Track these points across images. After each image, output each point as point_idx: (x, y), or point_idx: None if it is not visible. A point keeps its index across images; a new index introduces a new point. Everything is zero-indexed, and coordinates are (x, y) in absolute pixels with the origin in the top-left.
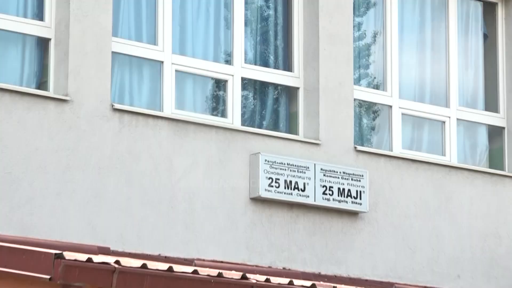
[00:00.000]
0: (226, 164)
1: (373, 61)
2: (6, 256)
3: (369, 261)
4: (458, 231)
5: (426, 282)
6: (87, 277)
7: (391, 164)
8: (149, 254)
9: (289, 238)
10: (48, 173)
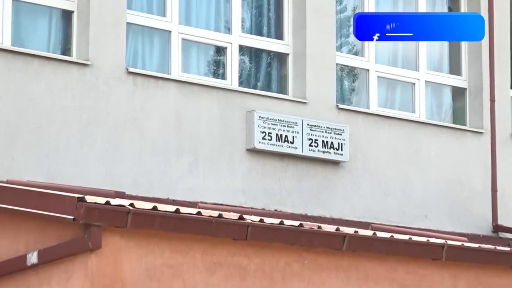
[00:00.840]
0: (225, 120)
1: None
2: (35, 200)
3: (349, 204)
4: (426, 178)
5: (398, 222)
6: (105, 217)
7: (368, 120)
8: (159, 198)
9: (280, 184)
10: (72, 128)
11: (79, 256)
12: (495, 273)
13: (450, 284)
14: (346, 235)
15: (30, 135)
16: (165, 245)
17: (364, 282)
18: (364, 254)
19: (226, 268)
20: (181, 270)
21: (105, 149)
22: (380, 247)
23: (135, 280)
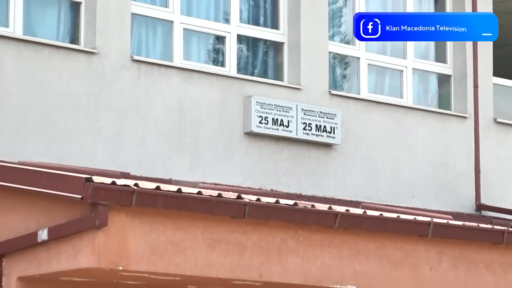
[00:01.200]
0: (224, 105)
1: (344, 21)
2: (45, 180)
3: (340, 184)
4: (413, 160)
5: (387, 201)
6: (111, 196)
7: (359, 105)
8: (161, 178)
9: (276, 165)
10: (79, 113)
11: (87, 233)
12: (478, 249)
13: (435, 260)
14: (338, 214)
15: (40, 120)
16: (167, 223)
17: (355, 258)
18: (355, 231)
19: (225, 245)
20: (183, 246)
21: (111, 132)
22: (370, 224)
23: (139, 256)
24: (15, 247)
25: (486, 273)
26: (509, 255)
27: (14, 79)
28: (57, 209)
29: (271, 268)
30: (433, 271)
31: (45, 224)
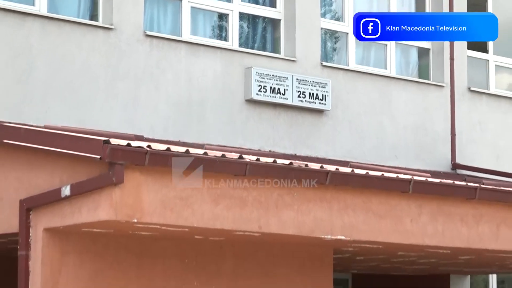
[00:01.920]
0: (227, 75)
1: (334, 0)
2: (68, 142)
3: (331, 146)
4: (396, 125)
5: (372, 161)
6: (127, 157)
7: (348, 75)
8: (171, 140)
9: (273, 129)
10: (98, 82)
11: (105, 190)
12: (454, 203)
13: (416, 213)
14: (328, 172)
15: (63, 89)
16: (177, 181)
17: (344, 211)
18: (344, 187)
19: (228, 200)
20: (190, 201)
21: (127, 99)
22: (357, 182)
23: (152, 210)
24: (41, 202)
25: (460, 225)
26: (481, 209)
27: (40, 52)
28: (78, 168)
29: (269, 221)
30: (413, 223)
31: (68, 181)
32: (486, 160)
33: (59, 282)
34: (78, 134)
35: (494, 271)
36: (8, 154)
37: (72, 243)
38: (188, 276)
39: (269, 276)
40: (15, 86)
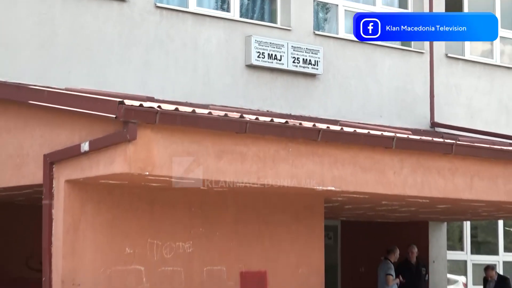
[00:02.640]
0: (230, 43)
1: None
2: (86, 103)
3: (323, 107)
4: (381, 88)
5: (359, 119)
6: (139, 116)
7: (338, 43)
8: (179, 101)
9: (271, 91)
10: (114, 49)
11: (120, 145)
12: (432, 158)
13: (398, 166)
14: (320, 130)
15: (82, 54)
16: (184, 137)
17: (334, 165)
18: (334, 143)
19: (230, 155)
20: (197, 156)
21: (139, 64)
22: (346, 138)
23: (162, 163)
24: (63, 156)
25: (438, 177)
26: (457, 163)
27: (61, 22)
28: (96, 126)
29: (267, 173)
30: (396, 175)
31: (86, 138)
32: (461, 119)
33: (79, 228)
34: (96, 96)
35: (468, 218)
36: (33, 114)
37: (90, 193)
38: (195, 222)
39: (267, 223)
40: (39, 52)
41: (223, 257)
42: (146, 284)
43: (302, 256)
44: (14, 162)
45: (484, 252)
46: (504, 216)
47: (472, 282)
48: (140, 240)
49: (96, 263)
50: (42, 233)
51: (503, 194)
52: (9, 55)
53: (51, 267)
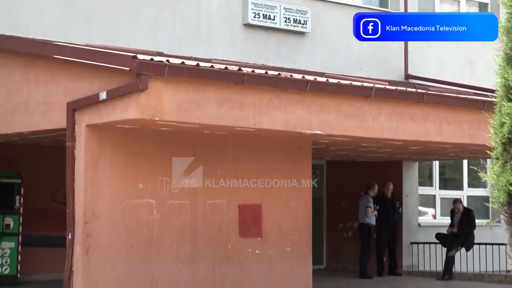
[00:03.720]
0: (229, 4)
1: None
2: (103, 57)
3: (310, 61)
4: (361, 44)
5: (343, 72)
6: (150, 69)
7: (324, 5)
8: (185, 56)
9: (265, 47)
10: (128, 10)
11: (133, 95)
12: (406, 105)
13: (376, 113)
14: (308, 81)
15: (101, 14)
16: (189, 87)
17: (320, 112)
18: (320, 93)
19: (230, 102)
20: (200, 104)
21: (150, 23)
22: (331, 89)
23: (170, 110)
24: (84, 104)
25: (411, 122)
26: (427, 110)
27: None
28: (112, 78)
29: (262, 119)
30: (374, 121)
31: (104, 88)
32: (432, 72)
33: (98, 167)
34: (112, 51)
35: (437, 158)
36: (58, 67)
37: (108, 136)
38: (199, 162)
39: (261, 162)
40: (62, 12)
41: (224, 191)
42: (157, 215)
43: (293, 191)
44: (42, 109)
45: (450, 188)
46: (468, 156)
47: (440, 214)
48: (151, 177)
49: (113, 197)
50: (66, 171)
51: (467, 137)
52: (36, 15)
53: (74, 200)
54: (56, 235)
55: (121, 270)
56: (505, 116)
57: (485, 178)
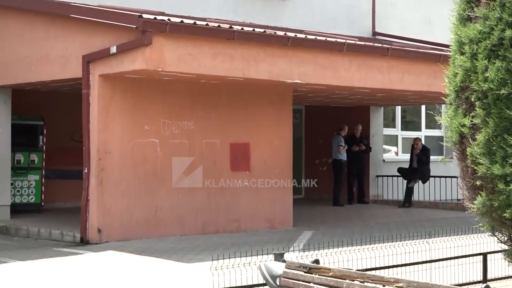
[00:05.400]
0: None
1: None
2: (113, 16)
3: (292, 20)
4: (336, 6)
5: (319, 30)
6: (154, 26)
7: None
8: (184, 15)
9: (253, 8)
10: None
11: (139, 49)
12: (373, 58)
13: (348, 65)
14: (290, 37)
15: None
16: (188, 43)
17: (300, 64)
18: (300, 48)
19: (223, 56)
20: (197, 56)
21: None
22: (309, 44)
23: (172, 62)
24: (97, 56)
25: (378, 73)
26: (392, 62)
27: None
28: (121, 34)
29: (250, 70)
30: (346, 72)
31: (114, 43)
32: (396, 30)
33: (109, 111)
34: (121, 11)
35: (399, 103)
36: (74, 25)
37: (118, 84)
38: (196, 107)
39: (250, 106)
40: None
41: (217, 132)
42: (160, 152)
43: (276, 132)
44: (61, 61)
45: (410, 129)
46: (426, 102)
47: (401, 151)
48: (155, 120)
49: (122, 136)
50: (82, 114)
51: (425, 86)
52: None
53: (89, 139)
54: (74, 169)
55: (130, 199)
56: (458, 67)
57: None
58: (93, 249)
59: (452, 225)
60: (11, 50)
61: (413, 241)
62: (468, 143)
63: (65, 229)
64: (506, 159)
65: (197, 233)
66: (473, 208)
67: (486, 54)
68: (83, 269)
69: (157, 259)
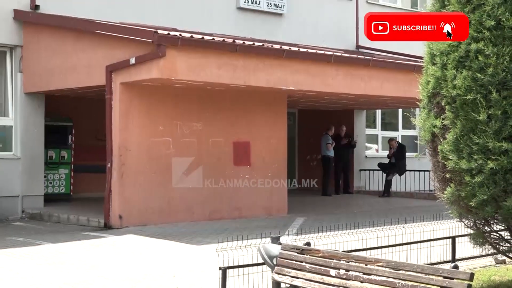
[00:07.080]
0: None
1: None
2: (132, 32)
3: (287, 35)
4: (325, 22)
5: (310, 43)
6: (167, 41)
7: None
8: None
9: (253, 25)
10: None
11: (155, 60)
12: (357, 68)
13: (335, 74)
14: (285, 50)
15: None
16: (196, 55)
17: (294, 73)
18: (294, 59)
19: (226, 66)
20: (204, 67)
21: (165, 5)
22: (301, 56)
23: (183, 71)
24: (118, 67)
25: (360, 81)
26: (373, 72)
27: None
28: (139, 47)
29: (250, 78)
30: (333, 80)
31: (133, 55)
32: (378, 44)
33: (129, 113)
34: (139, 27)
35: (379, 107)
36: (98, 39)
37: (136, 91)
38: (203, 110)
39: (250, 110)
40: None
41: (222, 132)
42: (173, 150)
43: (273, 132)
44: (87, 70)
45: (389, 129)
46: (403, 106)
47: (381, 149)
48: (168, 121)
49: (140, 135)
50: (105, 117)
51: (402, 92)
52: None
53: (111, 138)
54: (98, 164)
55: (146, 190)
56: (430, 76)
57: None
58: (115, 233)
59: (425, 212)
60: (44, 62)
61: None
62: (439, 141)
63: (91, 216)
64: (471, 155)
65: (204, 219)
66: (443, 198)
67: (454, 65)
68: (108, 249)
69: (170, 242)
